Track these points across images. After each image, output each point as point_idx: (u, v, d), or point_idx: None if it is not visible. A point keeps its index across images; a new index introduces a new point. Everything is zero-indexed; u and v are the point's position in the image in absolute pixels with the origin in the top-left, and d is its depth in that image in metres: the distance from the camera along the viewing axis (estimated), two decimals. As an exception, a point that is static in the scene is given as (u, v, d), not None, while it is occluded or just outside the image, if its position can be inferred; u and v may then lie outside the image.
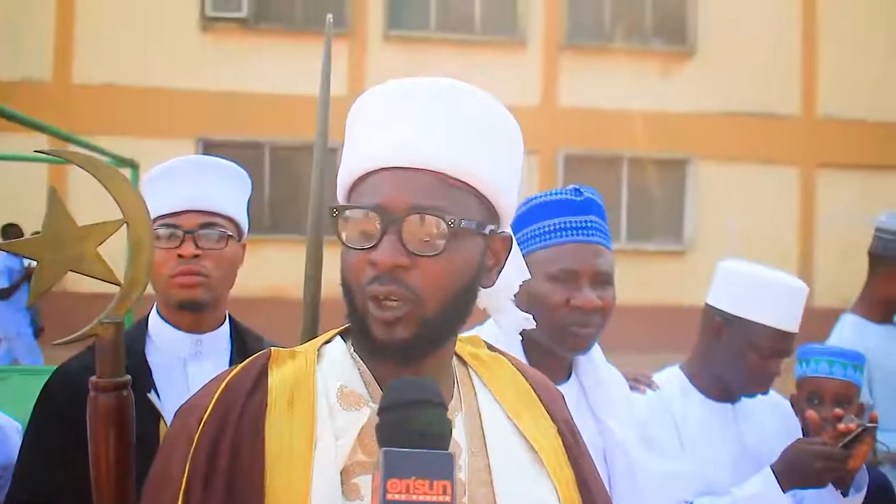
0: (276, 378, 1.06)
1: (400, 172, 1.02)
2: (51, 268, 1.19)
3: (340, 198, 1.10)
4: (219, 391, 1.05)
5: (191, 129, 12.13)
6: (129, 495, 1.18)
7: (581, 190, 1.75)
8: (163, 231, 1.79)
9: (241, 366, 1.10)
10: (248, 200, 1.95)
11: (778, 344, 2.04)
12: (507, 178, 1.09)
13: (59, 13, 12.22)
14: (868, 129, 13.21)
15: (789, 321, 2.05)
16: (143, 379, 1.71)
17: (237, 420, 1.02)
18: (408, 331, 1.00)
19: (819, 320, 3.58)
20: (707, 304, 2.13)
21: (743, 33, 13.14)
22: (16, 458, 1.77)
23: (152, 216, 1.77)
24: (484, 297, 1.25)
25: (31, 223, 1.33)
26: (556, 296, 1.64)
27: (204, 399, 1.06)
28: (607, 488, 1.61)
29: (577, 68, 13.08)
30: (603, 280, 1.70)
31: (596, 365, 1.79)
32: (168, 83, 12.18)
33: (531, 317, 1.31)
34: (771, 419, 2.16)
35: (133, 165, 5.06)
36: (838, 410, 2.01)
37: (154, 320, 1.84)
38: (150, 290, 1.30)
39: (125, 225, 1.23)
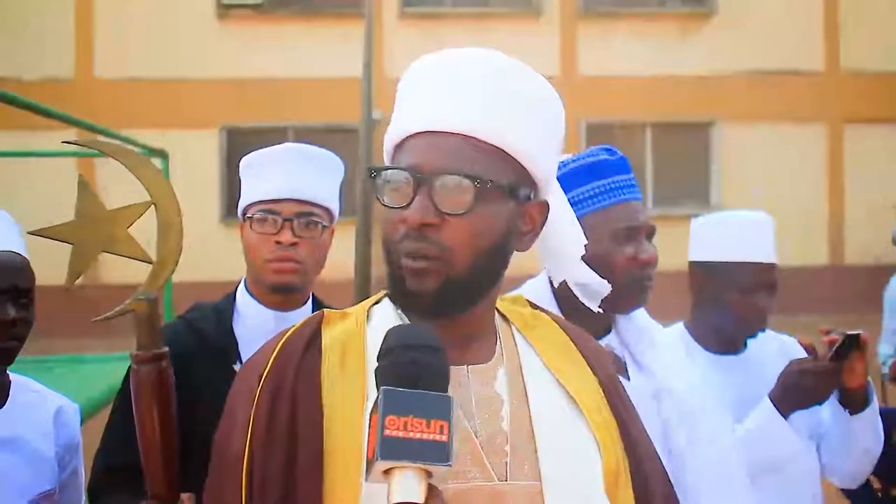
0: (328, 338, 1.15)
1: (432, 136, 1.09)
2: (85, 250, 1.25)
3: (385, 163, 1.16)
4: (276, 351, 1.13)
5: (213, 117, 12.23)
6: (174, 461, 1.24)
7: (612, 149, 1.79)
8: (260, 216, 1.84)
9: (295, 327, 1.17)
10: (341, 187, 1.98)
11: (758, 277, 2.07)
12: (541, 144, 1.13)
13: (78, 11, 12.35)
14: (894, 80, 12.99)
15: (762, 253, 2.08)
16: (230, 351, 1.82)
17: (293, 376, 1.10)
18: (436, 282, 1.06)
19: (850, 278, 3.58)
20: (689, 263, 2.17)
21: (762, -10, 12.94)
22: (77, 438, 1.85)
23: (250, 200, 1.85)
24: (556, 269, 1.30)
25: (62, 217, 1.37)
26: (624, 253, 1.69)
27: (262, 358, 1.14)
28: (663, 435, 1.66)
29: (594, 36, 12.98)
30: (651, 235, 1.77)
31: (635, 317, 1.83)
32: (188, 73, 12.27)
33: (606, 282, 1.35)
34: (778, 366, 2.10)
35: (164, 155, 5.19)
36: (824, 327, 2.01)
37: (242, 296, 1.90)
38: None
39: (153, 207, 1.28)
